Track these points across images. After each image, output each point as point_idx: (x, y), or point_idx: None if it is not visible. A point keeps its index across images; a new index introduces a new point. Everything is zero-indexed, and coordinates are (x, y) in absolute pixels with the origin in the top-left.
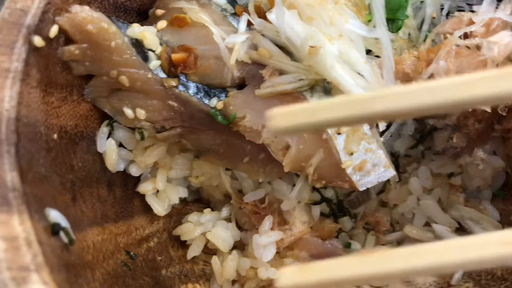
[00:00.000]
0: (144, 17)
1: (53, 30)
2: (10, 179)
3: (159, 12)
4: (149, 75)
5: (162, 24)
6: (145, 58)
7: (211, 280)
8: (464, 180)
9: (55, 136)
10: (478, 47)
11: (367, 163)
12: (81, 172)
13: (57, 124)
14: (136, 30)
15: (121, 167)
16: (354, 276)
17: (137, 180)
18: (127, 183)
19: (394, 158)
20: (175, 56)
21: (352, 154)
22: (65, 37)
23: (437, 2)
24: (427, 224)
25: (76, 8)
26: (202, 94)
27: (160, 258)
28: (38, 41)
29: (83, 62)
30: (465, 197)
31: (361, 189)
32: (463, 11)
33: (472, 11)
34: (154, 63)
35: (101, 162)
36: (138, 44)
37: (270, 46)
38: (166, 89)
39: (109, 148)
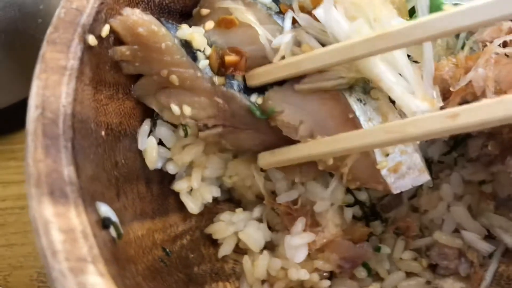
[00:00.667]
0: (187, 17)
1: (105, 30)
2: (67, 174)
3: (204, 11)
4: (199, 74)
5: (210, 24)
6: (194, 58)
7: (241, 279)
8: (495, 188)
9: (103, 133)
10: None
11: (403, 165)
12: (124, 168)
13: (105, 121)
14: (186, 31)
15: (159, 165)
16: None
17: (172, 178)
18: (163, 181)
19: (428, 164)
20: (229, 59)
21: (387, 155)
22: (115, 38)
23: None
24: (456, 231)
25: (127, 11)
26: (244, 92)
27: (192, 255)
28: (92, 40)
29: (133, 63)
30: (495, 205)
31: (395, 192)
32: None
33: None
34: (203, 62)
35: (141, 159)
36: (187, 45)
37: (313, 42)
38: (214, 86)
39: (149, 145)
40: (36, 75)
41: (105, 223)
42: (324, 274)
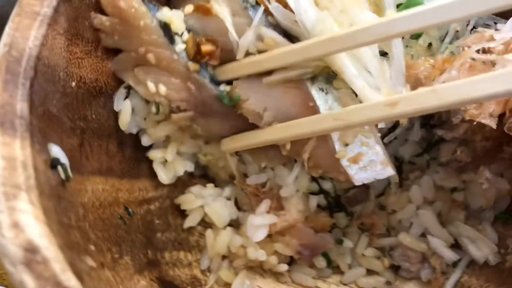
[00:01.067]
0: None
1: None
2: (20, 108)
3: None
4: (175, 57)
5: (189, 8)
6: (172, 41)
7: (202, 252)
8: (466, 198)
9: (73, 84)
10: (493, 64)
11: (363, 156)
12: (94, 123)
13: (77, 74)
14: (165, 13)
15: (133, 131)
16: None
17: (150, 145)
18: (138, 146)
19: (398, 163)
20: (205, 48)
21: (347, 145)
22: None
23: None
24: (423, 235)
25: None
26: (214, 82)
27: (158, 221)
28: None
29: (112, 36)
30: (466, 215)
31: (356, 183)
32: (489, 28)
33: (497, 30)
34: (180, 46)
35: (115, 120)
36: (165, 27)
37: (274, 35)
38: (189, 72)
39: (124, 108)
40: (11, 18)
41: (53, 163)
42: (283, 257)
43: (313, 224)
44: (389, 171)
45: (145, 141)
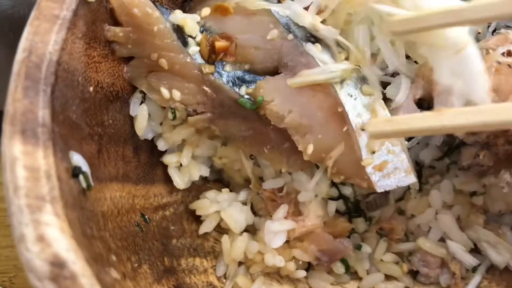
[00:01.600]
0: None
1: None
2: (42, 116)
3: None
4: (188, 60)
5: (206, 11)
6: (185, 44)
7: (218, 258)
8: (486, 202)
9: (91, 88)
10: None
11: (388, 164)
12: (110, 129)
13: (95, 78)
14: (178, 16)
15: (149, 136)
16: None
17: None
18: (153, 151)
19: (418, 167)
20: (219, 44)
21: (374, 152)
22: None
23: None
24: (442, 240)
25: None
26: (232, 84)
27: (173, 228)
28: None
29: (126, 45)
30: (485, 219)
31: (379, 190)
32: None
33: None
34: (193, 49)
35: (131, 125)
36: (179, 30)
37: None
38: (203, 75)
39: (140, 113)
40: (29, 21)
41: (75, 172)
42: (301, 263)
43: (332, 230)
44: (412, 178)
45: (161, 145)
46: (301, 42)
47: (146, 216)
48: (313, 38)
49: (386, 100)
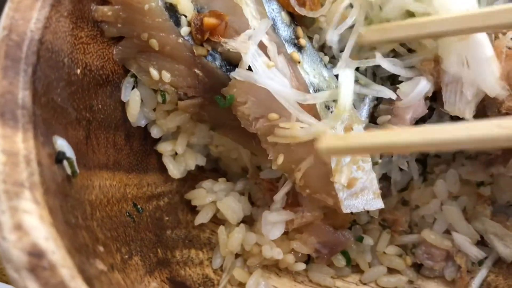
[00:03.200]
0: None
1: None
2: (22, 97)
3: None
4: (180, 40)
5: None
6: (177, 23)
7: (214, 250)
8: (494, 192)
9: (78, 71)
10: None
11: (358, 182)
12: (100, 114)
13: (83, 60)
14: None
15: (142, 123)
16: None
17: (158, 138)
18: (146, 138)
19: (423, 156)
20: (207, 21)
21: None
22: None
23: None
24: (448, 232)
25: None
26: (226, 69)
27: (167, 218)
28: None
29: (115, 24)
30: (492, 210)
31: (345, 210)
32: None
33: None
34: (185, 29)
35: (122, 110)
36: (171, 8)
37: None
38: (195, 56)
39: (132, 98)
40: None
41: (58, 157)
42: (300, 256)
43: (332, 221)
44: (379, 203)
45: (155, 133)
46: (283, 42)
47: (139, 206)
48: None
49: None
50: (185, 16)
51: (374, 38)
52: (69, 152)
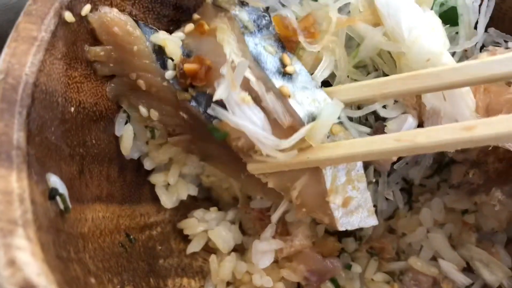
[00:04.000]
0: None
1: (86, 9)
2: (16, 138)
3: (196, 17)
4: (165, 83)
5: (190, 27)
6: (164, 66)
7: (206, 278)
8: (478, 220)
9: (72, 109)
10: (508, 84)
11: (353, 201)
12: (94, 149)
13: (76, 98)
14: (160, 36)
15: (135, 156)
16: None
17: (151, 169)
18: (139, 170)
19: (408, 185)
20: (187, 67)
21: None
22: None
23: (471, 35)
24: (434, 259)
25: (105, 9)
26: (210, 115)
27: (160, 247)
28: (68, 16)
29: (107, 64)
30: (477, 237)
31: (341, 228)
32: (499, 47)
33: (508, 48)
34: (170, 73)
35: (116, 144)
36: (159, 51)
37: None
38: (178, 100)
39: (126, 133)
40: (7, 43)
41: (51, 194)
42: (290, 284)
43: (321, 249)
44: (374, 220)
45: (147, 165)
46: (269, 77)
47: (132, 236)
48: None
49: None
50: (172, 60)
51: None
52: (62, 189)
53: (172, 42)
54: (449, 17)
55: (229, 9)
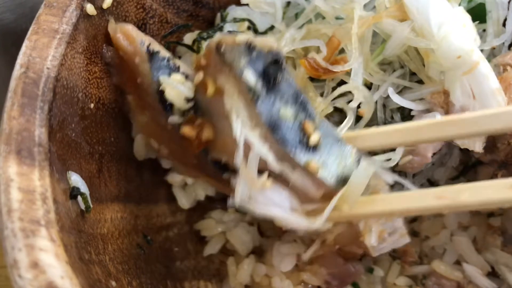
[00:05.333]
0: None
1: (107, 2)
2: (38, 134)
3: (201, 61)
4: (169, 128)
5: (199, 77)
6: (169, 108)
7: (223, 281)
8: (504, 223)
9: (92, 105)
10: None
11: (386, 232)
12: (112, 147)
13: (96, 95)
14: (165, 79)
15: (153, 156)
16: None
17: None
18: (157, 169)
19: (433, 187)
20: (184, 131)
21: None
22: (119, 13)
23: (500, 32)
24: (458, 263)
25: (128, 26)
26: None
27: (176, 249)
28: (90, 9)
29: (120, 74)
30: (503, 241)
31: (374, 254)
32: None
33: None
34: (174, 118)
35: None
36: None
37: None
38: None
39: (139, 139)
40: (28, 36)
41: (73, 193)
42: (310, 287)
43: (343, 253)
44: (406, 239)
45: (165, 164)
46: (291, 153)
47: (149, 237)
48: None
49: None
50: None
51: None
52: (83, 188)
53: (171, 89)
54: (477, 14)
55: (233, 64)
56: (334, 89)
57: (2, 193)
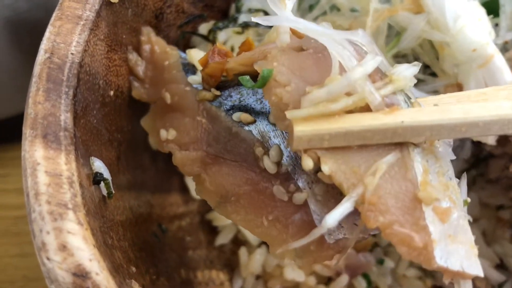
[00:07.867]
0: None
1: None
2: (64, 119)
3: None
4: (187, 88)
5: None
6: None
7: (235, 271)
8: None
9: (112, 93)
10: None
11: (451, 215)
12: (129, 135)
13: (115, 82)
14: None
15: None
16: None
17: None
18: (170, 159)
19: None
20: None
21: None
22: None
23: None
24: None
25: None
26: (234, 111)
27: (189, 238)
28: None
29: (143, 84)
30: None
31: (435, 263)
32: None
33: None
34: (194, 77)
35: None
36: (188, 63)
37: None
38: (199, 103)
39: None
40: (51, 21)
41: (96, 178)
42: (321, 278)
43: (354, 244)
44: (477, 268)
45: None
46: None
47: (163, 226)
48: None
49: None
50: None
51: None
52: (106, 173)
53: (195, 51)
54: (490, 8)
55: None
56: None
57: (29, 177)
